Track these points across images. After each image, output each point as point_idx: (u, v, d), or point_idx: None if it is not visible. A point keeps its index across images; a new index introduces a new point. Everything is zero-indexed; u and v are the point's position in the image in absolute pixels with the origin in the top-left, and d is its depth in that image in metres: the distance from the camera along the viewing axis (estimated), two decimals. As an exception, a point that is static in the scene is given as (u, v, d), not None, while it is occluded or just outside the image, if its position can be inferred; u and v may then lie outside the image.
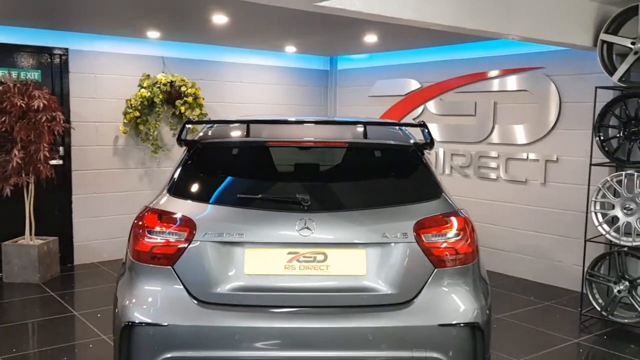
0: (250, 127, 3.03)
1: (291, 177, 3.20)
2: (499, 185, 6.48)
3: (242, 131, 3.08)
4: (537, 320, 5.04)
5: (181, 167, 3.00)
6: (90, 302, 5.38)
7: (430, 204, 2.89)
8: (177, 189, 2.93)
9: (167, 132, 7.06)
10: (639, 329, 4.83)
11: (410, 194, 2.96)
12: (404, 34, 5.87)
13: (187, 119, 3.15)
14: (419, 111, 7.23)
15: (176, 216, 2.78)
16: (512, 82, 6.32)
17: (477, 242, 2.93)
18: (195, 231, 2.73)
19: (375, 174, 3.17)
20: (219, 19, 5.37)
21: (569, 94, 5.84)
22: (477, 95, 6.63)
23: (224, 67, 7.45)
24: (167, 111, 6.97)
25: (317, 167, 3.27)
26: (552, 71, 5.96)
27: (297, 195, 2.80)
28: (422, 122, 3.12)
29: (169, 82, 6.79)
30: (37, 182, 5.91)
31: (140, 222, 2.83)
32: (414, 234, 2.76)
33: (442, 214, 2.85)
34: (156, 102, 6.72)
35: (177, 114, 6.97)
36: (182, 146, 3.10)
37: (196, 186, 2.98)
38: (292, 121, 3.24)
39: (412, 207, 2.86)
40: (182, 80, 6.86)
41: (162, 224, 2.77)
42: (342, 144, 3.10)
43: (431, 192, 2.95)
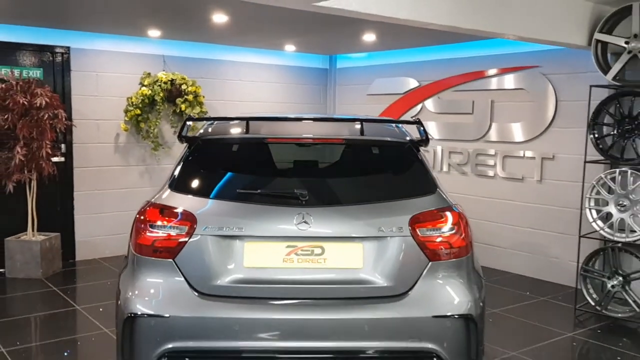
0: (249, 124, 3.07)
1: (290, 172, 3.26)
2: (496, 182, 6.54)
3: (241, 128, 3.11)
4: (533, 314, 5.11)
5: (182, 163, 3.05)
6: (92, 297, 5.44)
7: (425, 199, 2.94)
8: (178, 185, 2.97)
9: (167, 129, 7.12)
10: (632, 323, 4.91)
11: (405, 189, 3.02)
12: (402, 33, 5.92)
13: (188, 116, 3.20)
14: (417, 109, 7.28)
15: (177, 210, 2.83)
16: (509, 80, 6.38)
17: (471, 237, 2.98)
18: (196, 225, 2.78)
19: (371, 170, 3.21)
20: (219, 18, 5.43)
21: (565, 92, 5.90)
22: (474, 93, 6.68)
23: (224, 65, 7.51)
24: (168, 109, 7.02)
25: (315, 163, 3.33)
26: (548, 70, 6.02)
27: (295, 190, 2.85)
28: (417, 120, 3.16)
29: (169, 80, 6.84)
30: (40, 179, 5.97)
31: (142, 217, 2.88)
32: (410, 228, 2.81)
33: (437, 209, 2.90)
34: (157, 100, 6.77)
35: (177, 111, 7.02)
36: (183, 143, 3.15)
37: (197, 181, 3.02)
38: (290, 118, 3.31)
39: (408, 202, 2.91)
40: (183, 78, 6.91)
41: (164, 218, 2.83)
42: (340, 140, 3.16)
43: (426, 188, 3.00)
